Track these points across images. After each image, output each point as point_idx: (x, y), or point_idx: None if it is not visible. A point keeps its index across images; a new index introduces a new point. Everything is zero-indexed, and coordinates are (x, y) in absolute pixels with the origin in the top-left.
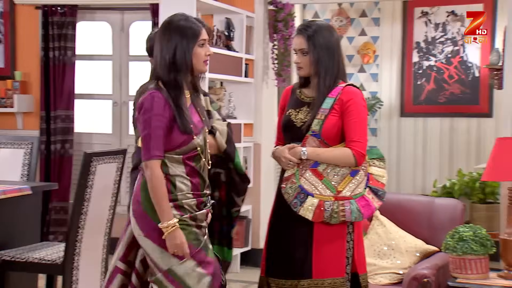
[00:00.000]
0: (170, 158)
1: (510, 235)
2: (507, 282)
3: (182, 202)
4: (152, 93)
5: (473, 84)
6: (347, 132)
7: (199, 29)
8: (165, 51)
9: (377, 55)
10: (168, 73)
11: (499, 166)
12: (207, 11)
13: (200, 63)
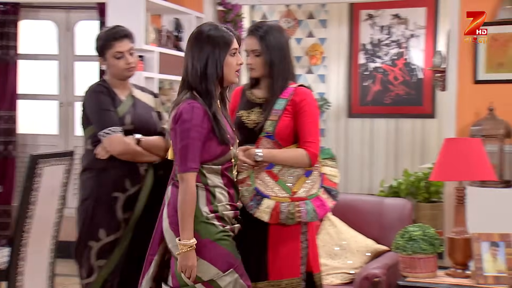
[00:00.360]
0: (208, 169)
1: (457, 234)
2: (454, 280)
3: (223, 214)
4: (191, 103)
5: (417, 85)
6: (301, 133)
7: (230, 38)
8: (197, 61)
9: (324, 57)
10: (200, 83)
11: (446, 166)
12: (155, 11)
13: (232, 73)
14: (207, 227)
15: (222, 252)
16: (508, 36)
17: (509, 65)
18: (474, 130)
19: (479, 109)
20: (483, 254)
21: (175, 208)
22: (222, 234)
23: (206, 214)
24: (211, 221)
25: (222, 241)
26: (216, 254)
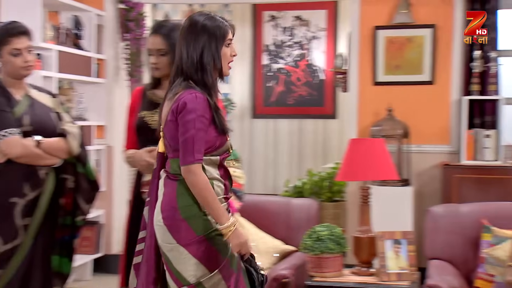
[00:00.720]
0: (207, 160)
1: (363, 233)
2: (359, 278)
3: None
4: (193, 93)
5: (319, 86)
6: None
7: (226, 29)
8: (192, 50)
9: None
10: (196, 72)
11: (352, 167)
12: (53, 7)
13: (226, 65)
14: (203, 224)
15: (212, 252)
16: (403, 39)
17: (405, 68)
18: (374, 131)
19: (378, 110)
20: (387, 252)
21: (171, 202)
22: (215, 232)
23: (203, 208)
24: (207, 217)
25: (213, 239)
26: (207, 253)
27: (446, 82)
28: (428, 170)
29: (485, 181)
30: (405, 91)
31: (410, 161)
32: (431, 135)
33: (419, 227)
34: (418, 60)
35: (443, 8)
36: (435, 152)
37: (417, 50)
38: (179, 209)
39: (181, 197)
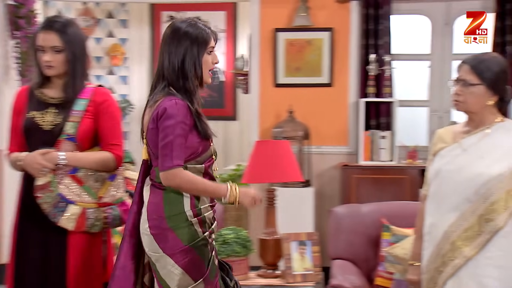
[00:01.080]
0: (192, 168)
1: (269, 235)
2: (265, 281)
3: (204, 216)
4: (174, 99)
5: (219, 88)
6: (104, 135)
7: (208, 36)
8: (174, 57)
9: (126, 58)
10: (177, 79)
11: (258, 169)
12: None
13: (206, 72)
14: (190, 233)
15: (197, 261)
16: (303, 42)
17: (305, 70)
18: (276, 132)
19: (279, 111)
20: (292, 254)
21: (158, 211)
22: (201, 242)
23: (191, 218)
24: (194, 227)
25: (200, 249)
26: (192, 263)
27: (344, 85)
28: (328, 171)
29: (381, 181)
30: (305, 93)
31: (310, 162)
32: (331, 136)
33: (320, 227)
34: (318, 62)
35: (340, 12)
36: (334, 153)
37: (317, 53)
38: (166, 218)
39: (168, 206)
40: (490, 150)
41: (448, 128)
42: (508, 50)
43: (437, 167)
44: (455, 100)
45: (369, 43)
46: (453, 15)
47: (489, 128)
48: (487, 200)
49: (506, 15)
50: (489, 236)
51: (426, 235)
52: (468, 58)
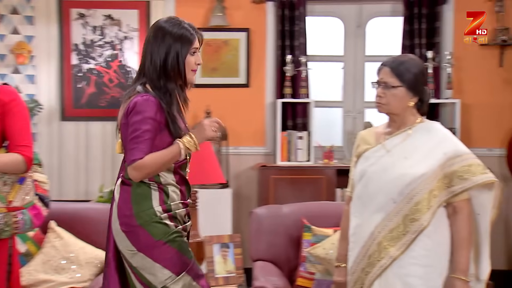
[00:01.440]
0: None
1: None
2: None
3: (175, 213)
4: (144, 96)
5: None
6: (13, 136)
7: (192, 36)
8: (156, 56)
9: (33, 56)
10: (158, 78)
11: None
12: None
13: (190, 72)
14: (160, 228)
15: (174, 254)
16: (219, 42)
17: (222, 70)
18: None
19: (196, 112)
20: (215, 256)
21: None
22: (175, 235)
23: (160, 213)
24: (164, 221)
25: (174, 242)
26: (169, 257)
27: (261, 85)
28: (245, 172)
29: (298, 181)
30: (222, 94)
31: (228, 163)
32: (248, 137)
33: (239, 229)
34: (234, 63)
35: (256, 13)
36: (252, 154)
37: (233, 53)
38: (135, 216)
39: (136, 203)
40: (413, 151)
41: (370, 129)
42: (417, 52)
43: (362, 168)
44: (378, 102)
45: (285, 44)
46: (365, 18)
47: (410, 129)
48: (412, 200)
49: (414, 18)
50: (414, 235)
51: (352, 236)
52: (388, 60)
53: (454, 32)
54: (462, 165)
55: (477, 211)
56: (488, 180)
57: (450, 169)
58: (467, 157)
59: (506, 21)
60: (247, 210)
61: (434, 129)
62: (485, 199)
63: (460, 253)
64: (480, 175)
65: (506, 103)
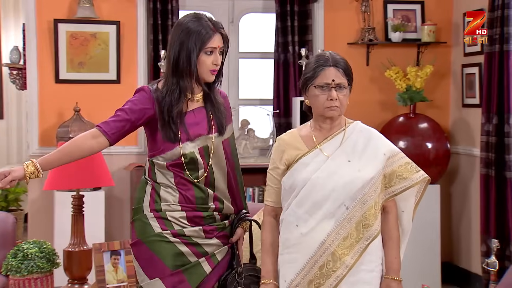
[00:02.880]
0: (156, 163)
1: (74, 247)
2: None
3: (165, 214)
4: (143, 86)
5: None
6: None
7: (208, 35)
8: (171, 51)
9: None
10: (172, 75)
11: (62, 173)
12: None
13: (205, 72)
14: (142, 227)
15: (151, 257)
16: (87, 35)
17: (89, 65)
18: (61, 132)
19: (63, 109)
20: (105, 265)
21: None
22: (155, 237)
23: (147, 212)
24: (148, 221)
25: (153, 245)
26: (146, 258)
27: (133, 82)
28: (117, 173)
29: None
30: (91, 90)
31: None
32: None
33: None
34: (104, 57)
35: (126, 5)
36: (123, 154)
37: (103, 47)
38: (133, 210)
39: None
40: (355, 153)
41: (291, 133)
42: (290, 50)
43: (304, 175)
44: (334, 106)
45: (158, 39)
46: (237, 14)
47: (344, 130)
48: (364, 205)
49: (286, 16)
50: (367, 242)
51: (293, 247)
52: (333, 61)
53: (324, 30)
54: (400, 164)
55: (402, 208)
56: (424, 178)
57: (389, 169)
58: (401, 156)
59: (372, 21)
60: (120, 214)
61: (364, 128)
62: (409, 197)
63: (393, 253)
64: (416, 173)
65: (373, 101)
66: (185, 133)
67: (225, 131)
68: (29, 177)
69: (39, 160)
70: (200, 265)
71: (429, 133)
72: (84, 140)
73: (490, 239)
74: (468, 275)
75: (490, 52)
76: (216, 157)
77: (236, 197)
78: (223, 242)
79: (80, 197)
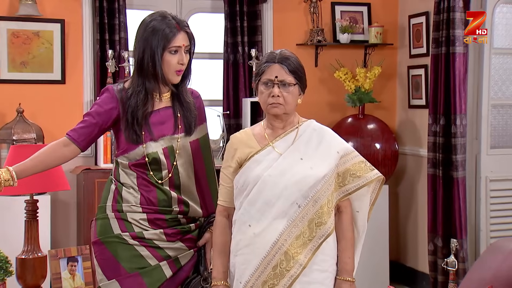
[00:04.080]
0: (121, 163)
1: (28, 254)
2: None
3: (126, 215)
4: (108, 86)
5: None
6: None
7: (172, 34)
8: (136, 50)
9: None
10: (137, 75)
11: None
12: None
13: (170, 72)
14: (103, 227)
15: (108, 258)
16: (29, 33)
17: (33, 65)
18: (4, 134)
19: (5, 111)
20: (62, 272)
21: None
22: (114, 239)
23: (109, 212)
24: (109, 221)
25: (111, 245)
26: (104, 258)
27: (78, 82)
28: None
29: None
30: (35, 91)
31: None
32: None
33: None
34: (48, 57)
35: (71, 3)
36: None
37: (46, 46)
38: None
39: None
40: (307, 151)
41: (245, 131)
42: (240, 50)
43: (256, 173)
44: (275, 103)
45: (104, 38)
46: (185, 13)
47: (297, 128)
48: (316, 203)
49: (236, 16)
50: (320, 240)
51: (246, 248)
52: (279, 58)
53: (273, 31)
54: (353, 162)
55: (356, 208)
56: (378, 177)
57: (343, 168)
58: (355, 155)
59: (320, 23)
60: (66, 218)
61: (318, 127)
62: (363, 196)
63: (346, 253)
64: (370, 172)
65: (322, 102)
66: (149, 132)
67: (194, 132)
68: (3, 185)
69: (14, 168)
70: (160, 268)
71: (378, 134)
72: (56, 148)
73: (437, 238)
74: (415, 274)
75: (437, 54)
76: (182, 158)
77: (206, 199)
78: (188, 246)
79: (34, 202)
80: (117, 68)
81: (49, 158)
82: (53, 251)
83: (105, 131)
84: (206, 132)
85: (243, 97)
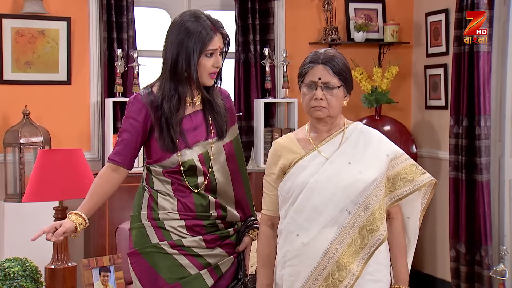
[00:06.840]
0: (154, 170)
1: (57, 264)
2: None
3: (163, 223)
4: (135, 95)
5: None
6: None
7: (209, 36)
8: (169, 53)
9: None
10: (169, 80)
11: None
12: None
13: (204, 75)
14: (139, 237)
15: (147, 269)
16: (34, 31)
17: (37, 64)
18: (10, 137)
19: (9, 113)
20: (95, 283)
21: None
22: (152, 249)
23: (145, 220)
24: (146, 231)
25: (150, 256)
26: (142, 269)
27: (85, 83)
28: None
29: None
30: (40, 92)
31: None
32: (71, 141)
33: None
34: (53, 56)
35: (77, 0)
36: None
37: (52, 45)
38: (131, 217)
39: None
40: (355, 155)
41: (288, 136)
42: (252, 49)
43: (301, 179)
44: (318, 106)
45: (112, 37)
46: None
47: (343, 131)
48: (367, 209)
49: (247, 13)
50: (373, 248)
51: (295, 259)
52: (323, 58)
53: (286, 29)
54: (404, 166)
55: (407, 214)
56: (430, 180)
57: (393, 171)
58: (406, 157)
59: (334, 20)
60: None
61: (365, 129)
62: (415, 201)
63: (401, 262)
64: (422, 176)
65: None
66: (183, 140)
67: (226, 135)
68: (79, 229)
69: (80, 210)
70: (201, 278)
71: (396, 136)
72: (108, 178)
73: (460, 244)
74: (433, 281)
75: (459, 53)
76: (217, 163)
77: (243, 203)
78: (227, 252)
79: (63, 209)
80: (126, 68)
81: (106, 189)
82: (85, 261)
83: (144, 142)
84: (237, 132)
85: (255, 98)
